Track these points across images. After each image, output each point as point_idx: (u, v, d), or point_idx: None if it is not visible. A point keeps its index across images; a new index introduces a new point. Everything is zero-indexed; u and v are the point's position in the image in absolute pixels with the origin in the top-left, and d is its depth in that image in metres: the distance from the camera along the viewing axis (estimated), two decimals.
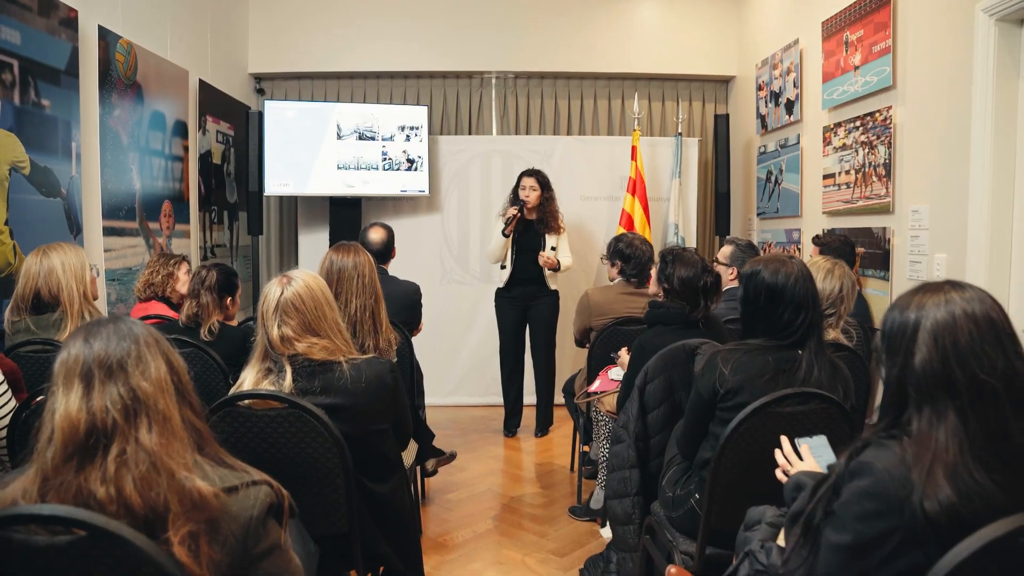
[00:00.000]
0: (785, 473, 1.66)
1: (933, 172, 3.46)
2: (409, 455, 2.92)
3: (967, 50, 3.16)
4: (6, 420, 2.03)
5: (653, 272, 3.01)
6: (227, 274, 3.01)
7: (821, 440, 1.69)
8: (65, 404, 1.14)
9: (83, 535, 1.06)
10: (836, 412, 1.97)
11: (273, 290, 1.88)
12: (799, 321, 1.98)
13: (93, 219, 3.58)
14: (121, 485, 1.11)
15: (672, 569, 2.10)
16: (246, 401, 1.84)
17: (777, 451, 1.70)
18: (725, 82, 6.27)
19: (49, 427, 1.15)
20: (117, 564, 1.06)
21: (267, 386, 1.86)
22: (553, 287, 4.80)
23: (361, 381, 1.91)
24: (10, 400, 2.09)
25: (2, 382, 2.07)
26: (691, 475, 2.18)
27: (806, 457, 1.65)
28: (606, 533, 3.30)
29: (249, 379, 1.88)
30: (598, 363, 3.49)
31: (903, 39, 3.68)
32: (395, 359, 2.79)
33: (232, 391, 1.92)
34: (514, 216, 4.54)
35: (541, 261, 4.61)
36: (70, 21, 3.29)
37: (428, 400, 4.52)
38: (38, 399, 2.02)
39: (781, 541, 1.52)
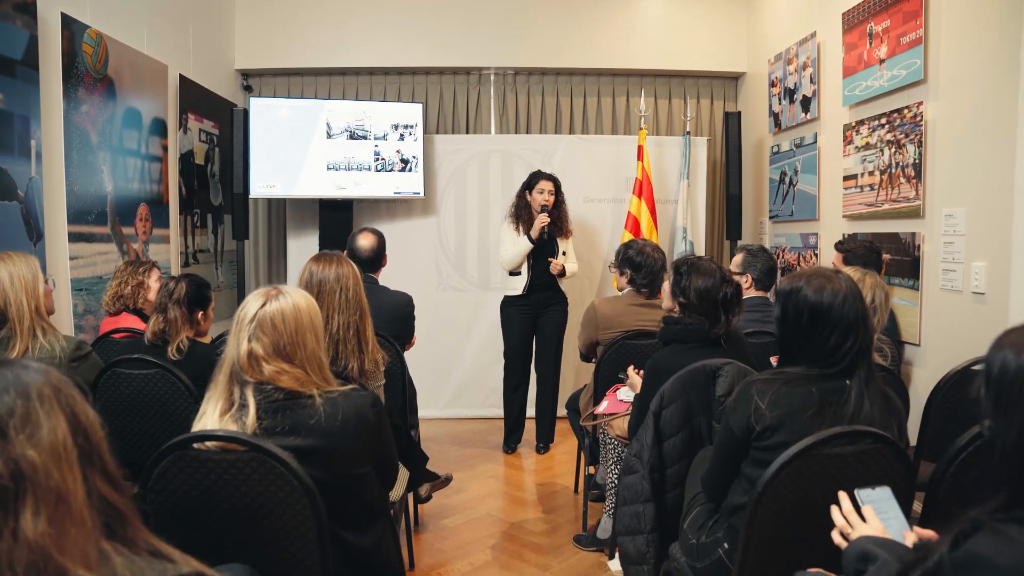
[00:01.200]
0: (844, 536, 1.37)
1: (971, 172, 3.18)
2: (400, 484, 2.64)
3: (1013, 36, 2.88)
4: None
5: (666, 285, 2.73)
6: (198, 286, 2.74)
7: (886, 493, 1.41)
8: None
9: None
10: (890, 452, 1.69)
11: (255, 301, 1.62)
12: (848, 346, 1.70)
13: (57, 224, 3.30)
14: None
15: None
16: (203, 443, 1.56)
17: (834, 508, 1.42)
18: (735, 79, 5.99)
19: None
20: None
21: (228, 423, 1.58)
22: (564, 292, 4.56)
23: (337, 419, 1.63)
24: None
25: None
26: (719, 521, 1.90)
27: (870, 519, 1.37)
28: (614, 566, 3.02)
29: (209, 413, 1.60)
30: (605, 381, 3.21)
31: (935, 29, 3.40)
32: (383, 381, 2.52)
33: (193, 426, 1.65)
34: (547, 221, 4.34)
35: (553, 269, 4.37)
36: (26, 7, 3.01)
37: (423, 413, 4.24)
38: None
39: None
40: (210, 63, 5.12)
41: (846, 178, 4.19)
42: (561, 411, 4.57)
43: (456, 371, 5.44)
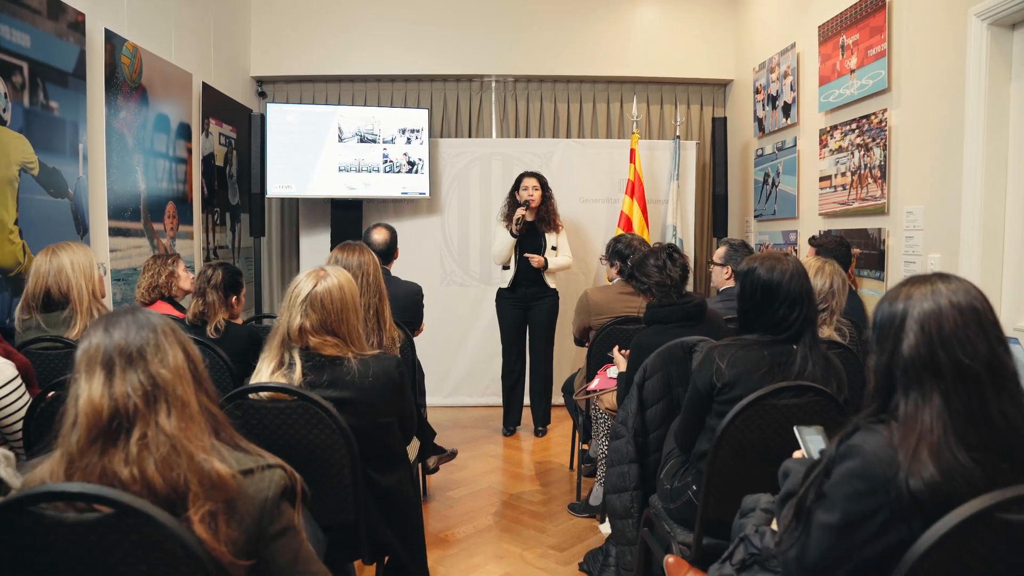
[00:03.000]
0: None
1: (927, 174, 3.51)
2: (411, 451, 2.96)
3: (960, 54, 3.22)
4: (22, 413, 2.08)
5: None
6: (232, 273, 3.07)
7: (818, 430, 1.73)
8: (88, 391, 1.19)
9: (110, 512, 1.11)
10: (830, 405, 2.02)
11: (307, 281, 1.93)
12: (794, 317, 2.04)
13: (99, 219, 3.63)
14: (143, 467, 1.16)
15: (670, 559, 2.15)
16: (258, 393, 1.89)
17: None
18: (723, 85, 6.33)
19: (73, 413, 1.20)
20: (142, 540, 1.11)
21: (279, 379, 1.91)
22: (553, 286, 4.86)
23: (368, 376, 1.96)
24: (24, 394, 2.13)
25: (17, 376, 2.12)
26: (688, 467, 2.23)
27: (802, 446, 1.70)
28: (605, 529, 3.35)
29: (264, 370, 1.93)
30: (597, 362, 3.54)
31: (898, 43, 3.74)
32: (398, 357, 2.85)
33: (250, 380, 1.97)
34: (522, 216, 4.62)
35: (534, 263, 4.67)
36: (78, 24, 3.35)
37: (429, 400, 4.57)
38: (51, 393, 2.07)
39: (775, 526, 1.57)
40: (228, 71, 5.46)
41: (822, 179, 4.52)
42: (557, 398, 4.90)
43: (459, 362, 5.77)
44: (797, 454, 1.70)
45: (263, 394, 1.89)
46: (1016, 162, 3.08)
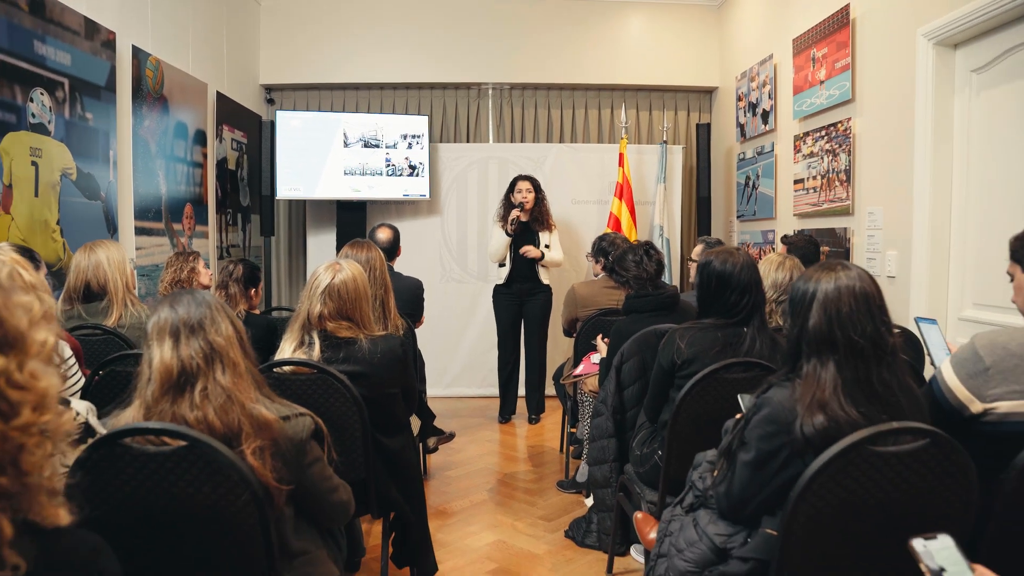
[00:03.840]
0: None
1: (886, 178, 3.84)
2: (414, 424, 3.28)
3: (911, 69, 3.55)
4: (78, 387, 2.40)
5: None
6: (251, 268, 3.39)
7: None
8: (160, 354, 1.52)
9: (182, 445, 1.43)
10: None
11: (325, 274, 2.25)
12: (744, 303, 2.36)
13: (127, 220, 3.96)
14: (205, 411, 1.48)
15: (639, 515, 2.48)
16: (284, 367, 2.21)
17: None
18: (709, 92, 6.65)
19: (147, 372, 1.53)
20: (207, 467, 1.44)
21: (300, 355, 2.23)
22: (547, 282, 5.19)
23: (377, 353, 2.29)
24: (78, 372, 2.45)
25: (72, 356, 2.44)
26: (655, 435, 2.56)
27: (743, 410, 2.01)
28: (590, 502, 3.66)
29: (287, 349, 2.26)
30: (583, 350, 3.87)
31: (861, 57, 4.06)
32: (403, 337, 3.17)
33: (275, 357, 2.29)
34: (517, 217, 4.94)
35: (528, 254, 5.00)
36: (110, 42, 3.67)
37: (430, 391, 4.89)
38: (101, 372, 2.40)
39: (716, 473, 1.89)
40: (239, 79, 5.78)
41: (796, 182, 4.85)
42: (550, 388, 5.23)
43: (458, 355, 6.09)
44: (738, 416, 2.02)
45: (287, 368, 2.22)
46: (960, 168, 3.40)
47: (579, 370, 3.74)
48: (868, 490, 1.45)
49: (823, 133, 4.47)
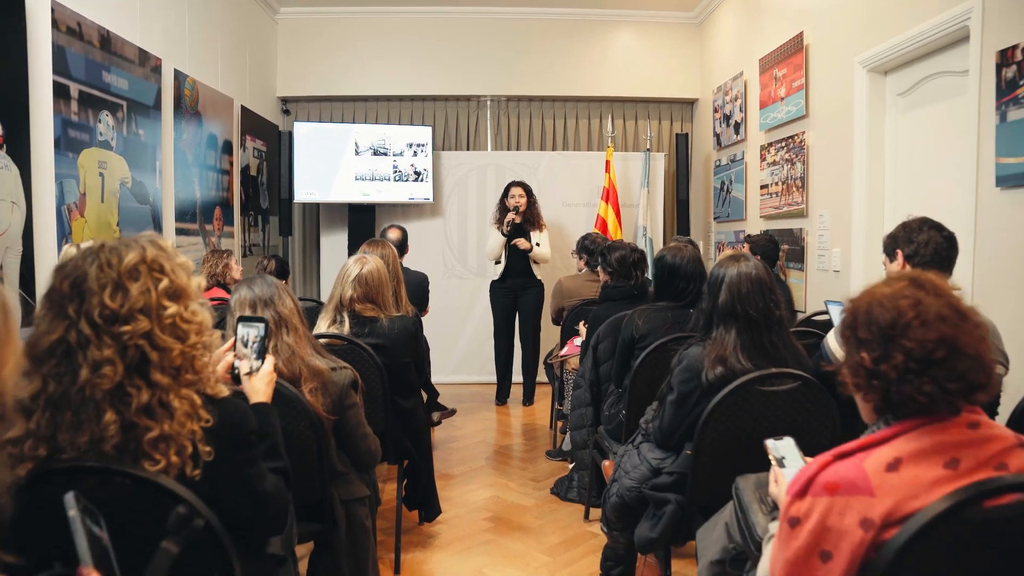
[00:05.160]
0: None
1: (831, 184, 4.40)
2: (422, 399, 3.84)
3: (850, 91, 4.11)
4: None
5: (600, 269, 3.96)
6: (282, 263, 3.97)
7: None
8: None
9: None
10: None
11: (355, 266, 2.81)
12: (690, 289, 2.92)
13: (169, 221, 4.52)
14: (275, 363, 2.04)
15: (606, 463, 3.05)
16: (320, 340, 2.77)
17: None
18: (690, 104, 7.22)
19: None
20: (279, 399, 1.99)
21: (333, 330, 2.80)
22: (539, 278, 5.76)
23: (395, 330, 2.85)
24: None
25: None
26: (620, 398, 3.12)
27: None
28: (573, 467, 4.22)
29: (322, 325, 2.82)
30: (568, 335, 4.43)
31: (812, 78, 4.62)
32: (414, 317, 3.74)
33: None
34: (512, 219, 5.51)
35: (520, 245, 5.55)
36: (157, 68, 4.24)
37: (433, 378, 5.43)
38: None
39: None
40: (259, 93, 6.35)
41: (762, 187, 5.41)
42: (543, 375, 5.79)
43: (458, 345, 6.66)
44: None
45: (322, 340, 2.78)
46: (890, 177, 3.96)
47: (564, 351, 4.30)
48: (755, 419, 2.02)
49: (783, 144, 5.03)
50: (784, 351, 2.11)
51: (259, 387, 1.75)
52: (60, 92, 3.29)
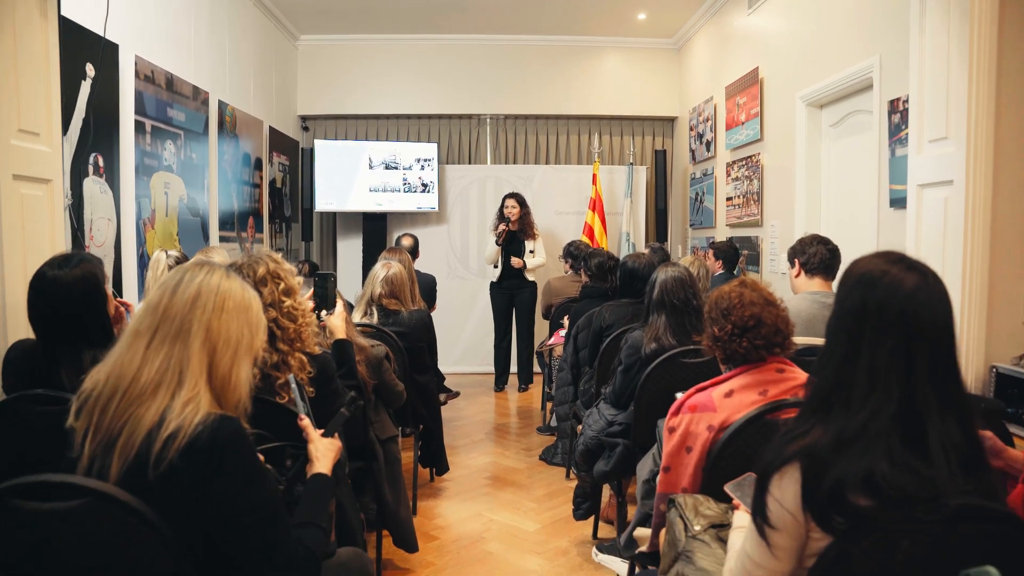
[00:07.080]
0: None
1: (781, 199, 5.16)
2: None
3: (792, 121, 4.87)
4: None
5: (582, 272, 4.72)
6: (313, 266, 4.72)
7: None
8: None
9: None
10: None
11: (382, 269, 3.56)
12: (646, 289, 3.67)
13: (214, 230, 5.28)
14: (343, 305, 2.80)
15: (579, 427, 3.80)
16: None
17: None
18: (670, 121, 7.97)
19: None
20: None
21: (364, 320, 3.56)
22: (532, 279, 6.51)
23: (414, 319, 3.61)
24: None
25: None
26: (592, 375, 3.87)
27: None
28: None
29: (356, 316, 3.58)
30: (555, 327, 5.19)
31: (766, 107, 5.38)
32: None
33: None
34: (504, 230, 6.26)
35: (514, 264, 6.31)
36: (205, 100, 5.00)
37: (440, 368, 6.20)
38: None
39: None
40: (283, 113, 7.11)
41: (728, 199, 6.16)
42: (536, 367, 6.54)
43: (461, 339, 7.41)
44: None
45: (357, 328, 3.53)
46: (825, 195, 4.72)
47: (551, 341, 5.06)
48: (679, 381, 2.77)
49: (744, 162, 5.78)
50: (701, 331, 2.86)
51: (337, 323, 2.51)
52: (139, 128, 4.05)
